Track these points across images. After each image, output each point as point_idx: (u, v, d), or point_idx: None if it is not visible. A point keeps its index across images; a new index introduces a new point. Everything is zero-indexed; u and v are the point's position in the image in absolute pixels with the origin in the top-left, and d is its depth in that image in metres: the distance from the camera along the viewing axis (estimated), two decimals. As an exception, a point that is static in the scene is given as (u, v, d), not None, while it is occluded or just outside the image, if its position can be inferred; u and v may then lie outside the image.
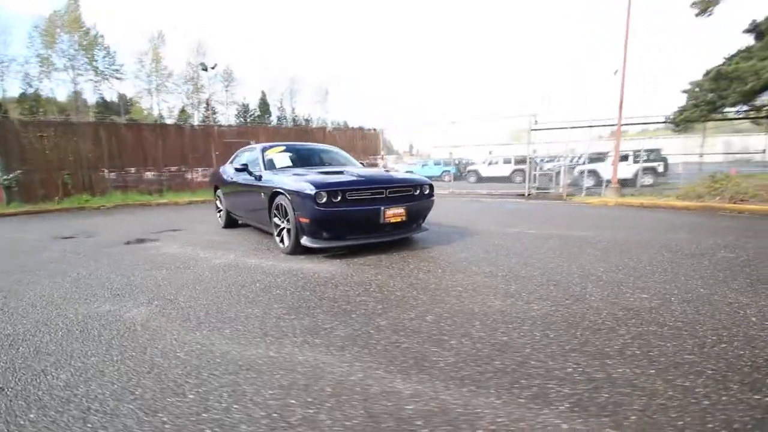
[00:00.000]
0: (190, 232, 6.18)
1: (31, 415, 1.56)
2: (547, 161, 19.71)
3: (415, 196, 4.39)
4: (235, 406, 1.58)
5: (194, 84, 48.19)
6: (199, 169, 13.38)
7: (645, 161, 14.49)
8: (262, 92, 54.69)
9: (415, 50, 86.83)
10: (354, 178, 4.12)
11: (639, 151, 15.39)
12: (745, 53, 8.57)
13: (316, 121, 52.75)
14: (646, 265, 3.47)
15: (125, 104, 45.04)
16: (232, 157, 6.44)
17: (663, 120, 10.62)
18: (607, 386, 1.66)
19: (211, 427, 1.45)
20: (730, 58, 9.16)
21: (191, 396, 1.66)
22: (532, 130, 12.85)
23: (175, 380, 1.78)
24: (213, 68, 26.72)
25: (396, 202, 4.16)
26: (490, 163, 21.71)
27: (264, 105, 54.74)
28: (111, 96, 44.86)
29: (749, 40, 8.71)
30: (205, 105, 49.10)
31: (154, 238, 5.63)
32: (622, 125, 11.04)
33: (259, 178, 4.91)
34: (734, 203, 7.00)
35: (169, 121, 37.40)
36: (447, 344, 2.06)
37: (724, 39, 10.30)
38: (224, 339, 2.20)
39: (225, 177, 6.11)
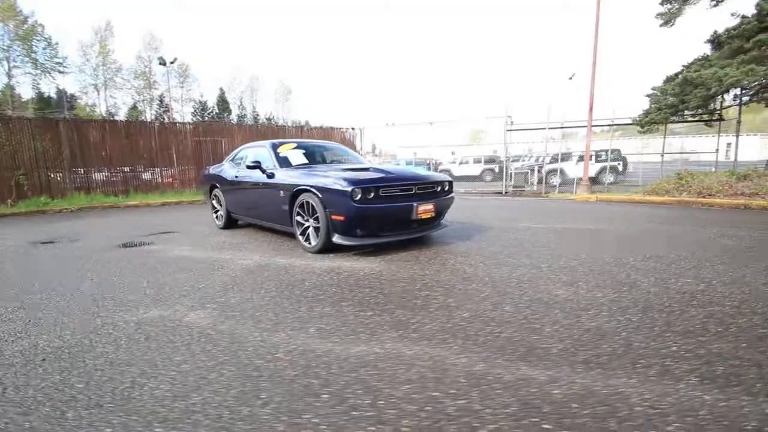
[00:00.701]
0: (187, 234, 5.82)
1: (159, 431, 1.42)
2: (512, 161, 20.72)
3: (438, 192, 4.43)
4: (380, 402, 1.53)
5: (146, 80, 45.37)
6: (169, 169, 12.68)
7: (608, 161, 15.47)
8: (221, 89, 52.61)
9: (381, 51, 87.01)
10: (384, 175, 4.09)
11: (602, 151, 16.50)
12: (702, 61, 9.44)
13: (279, 121, 51.50)
14: (667, 254, 3.74)
15: (67, 100, 41.49)
16: (232, 154, 6.15)
17: (630, 121, 11.41)
18: (716, 360, 1.78)
19: (372, 423, 1.40)
20: (688, 66, 10.04)
21: (325, 396, 1.58)
22: (507, 130, 13.34)
23: (295, 381, 1.69)
24: (172, 63, 25.35)
25: (424, 198, 4.18)
26: (461, 163, 22.35)
27: (223, 102, 52.63)
28: (49, 91, 41.17)
29: (706, 48, 9.64)
30: (158, 101, 46.45)
31: (149, 241, 5.26)
32: (592, 126, 11.76)
33: (272, 175, 4.75)
34: (703, 198, 7.69)
35: (118, 118, 34.84)
36: (544, 332, 2.11)
37: (685, 47, 11.27)
38: (314, 338, 2.11)
39: (225, 175, 5.83)
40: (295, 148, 5.17)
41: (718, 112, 10.78)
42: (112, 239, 5.50)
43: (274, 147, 5.10)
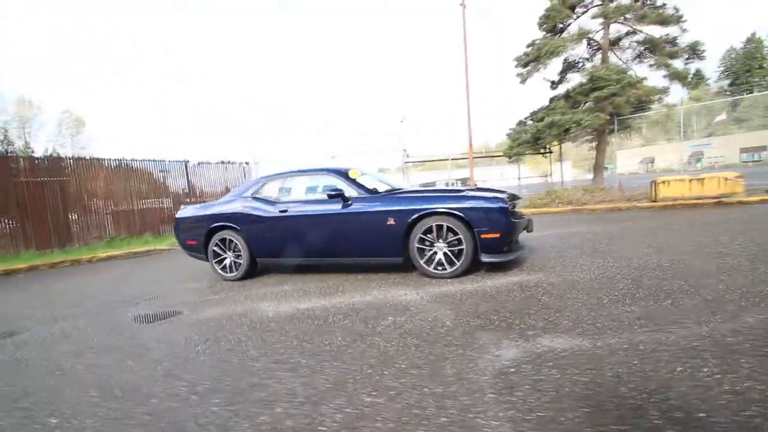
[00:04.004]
0: (190, 293, 4.40)
1: None
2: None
3: (515, 208, 4.90)
4: None
5: None
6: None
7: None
8: (-33, 117, 38.13)
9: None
10: (501, 194, 4.30)
11: (459, 179, 20.02)
12: (546, 110, 13.02)
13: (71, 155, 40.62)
14: (684, 242, 5.24)
15: None
16: (249, 188, 5.00)
17: (501, 153, 14.45)
18: None
19: None
20: (534, 113, 13.62)
21: None
22: (405, 162, 14.80)
23: None
24: None
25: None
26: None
27: (-29, 135, 38.15)
28: None
29: (545, 100, 13.46)
30: None
31: (168, 311, 3.81)
32: (474, 157, 14.33)
33: (348, 204, 4.27)
34: (581, 206, 10.53)
35: None
36: (787, 284, 2.90)
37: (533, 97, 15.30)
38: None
39: (255, 213, 4.72)
40: (362, 175, 4.74)
41: (548, 147, 14.88)
42: (83, 321, 3.70)
43: (344, 174, 4.56)
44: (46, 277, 6.80)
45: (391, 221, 4.10)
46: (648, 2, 12.19)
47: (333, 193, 4.26)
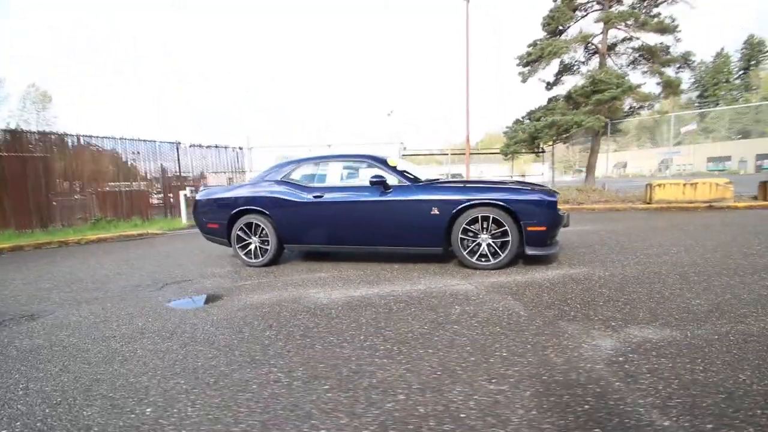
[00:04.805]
0: (226, 278, 4.22)
1: None
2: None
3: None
4: None
5: None
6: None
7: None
8: None
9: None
10: (540, 188, 4.34)
11: (451, 174, 20.12)
12: (544, 110, 13.26)
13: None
14: (712, 238, 5.46)
15: None
16: (277, 172, 4.81)
17: (498, 151, 14.62)
18: None
19: None
20: (532, 112, 13.84)
21: None
22: (402, 155, 14.73)
23: None
24: None
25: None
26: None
27: None
28: None
29: (543, 99, 13.69)
30: None
31: (211, 295, 3.65)
32: (470, 154, 14.44)
33: (389, 192, 4.20)
34: (578, 205, 10.81)
35: None
36: (830, 282, 3.06)
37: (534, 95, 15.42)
38: (780, 318, 2.39)
39: (285, 197, 4.55)
40: (397, 163, 4.65)
41: (542, 147, 15.19)
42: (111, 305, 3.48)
43: (383, 161, 4.46)
44: (37, 259, 6.35)
45: (435, 211, 4.05)
46: (644, 10, 12.57)
47: (376, 180, 4.16)
